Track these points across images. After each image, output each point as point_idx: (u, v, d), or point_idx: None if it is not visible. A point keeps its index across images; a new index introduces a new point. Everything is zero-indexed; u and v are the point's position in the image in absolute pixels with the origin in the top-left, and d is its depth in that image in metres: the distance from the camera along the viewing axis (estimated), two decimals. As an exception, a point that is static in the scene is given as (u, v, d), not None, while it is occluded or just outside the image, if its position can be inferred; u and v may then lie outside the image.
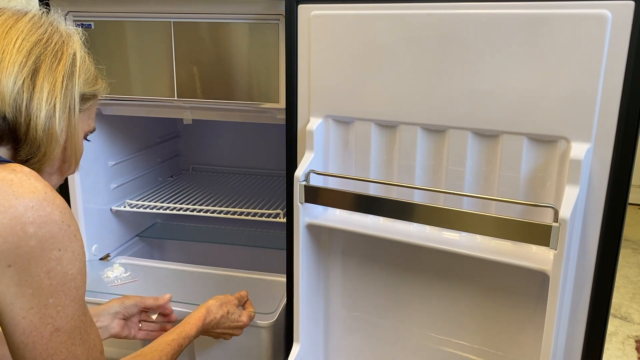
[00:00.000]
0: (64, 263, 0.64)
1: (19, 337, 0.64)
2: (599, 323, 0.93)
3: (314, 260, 1.16)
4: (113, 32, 1.26)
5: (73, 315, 0.66)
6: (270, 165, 1.89)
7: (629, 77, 0.82)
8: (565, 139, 0.88)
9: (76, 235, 0.66)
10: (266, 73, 1.20)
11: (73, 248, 0.65)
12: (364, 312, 1.20)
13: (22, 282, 0.62)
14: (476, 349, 1.10)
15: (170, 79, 1.26)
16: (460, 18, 0.91)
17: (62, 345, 0.66)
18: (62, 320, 0.65)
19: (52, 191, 0.65)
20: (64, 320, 0.65)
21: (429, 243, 1.00)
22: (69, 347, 0.66)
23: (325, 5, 1.01)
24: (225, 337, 1.13)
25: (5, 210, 0.60)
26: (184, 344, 0.97)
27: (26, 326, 0.63)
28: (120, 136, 1.55)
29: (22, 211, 0.61)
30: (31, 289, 0.62)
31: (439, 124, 0.97)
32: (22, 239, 0.61)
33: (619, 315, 1.86)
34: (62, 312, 0.65)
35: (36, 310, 0.63)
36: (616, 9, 0.81)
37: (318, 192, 1.05)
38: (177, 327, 0.99)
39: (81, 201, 1.38)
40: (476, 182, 0.98)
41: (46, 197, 0.63)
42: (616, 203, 0.87)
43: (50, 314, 0.64)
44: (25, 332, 0.63)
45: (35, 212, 0.62)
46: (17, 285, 0.62)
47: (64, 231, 0.64)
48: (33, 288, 0.62)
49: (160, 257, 1.74)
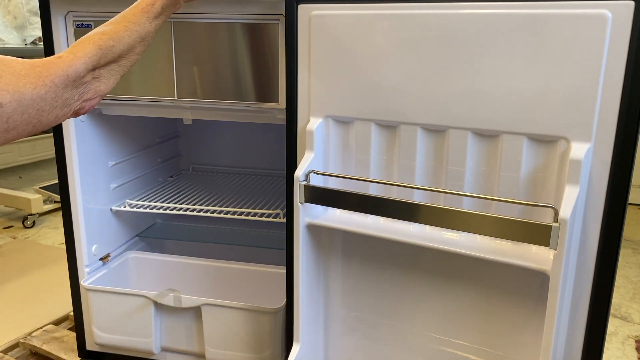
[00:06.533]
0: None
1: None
2: (599, 323, 0.93)
3: (314, 260, 1.16)
4: (113, 32, 1.25)
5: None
6: (270, 165, 1.89)
7: (629, 77, 0.82)
8: (565, 139, 0.88)
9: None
10: (266, 73, 1.20)
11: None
12: (364, 312, 1.20)
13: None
14: (476, 349, 1.10)
15: (170, 79, 1.26)
16: (460, 18, 0.91)
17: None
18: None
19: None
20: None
21: (429, 243, 1.00)
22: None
23: (325, 5, 1.01)
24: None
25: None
26: (163, 1, 0.84)
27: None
28: (120, 136, 1.55)
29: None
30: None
31: (439, 124, 0.97)
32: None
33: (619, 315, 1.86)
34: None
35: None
36: (616, 9, 0.81)
37: (318, 192, 1.05)
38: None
39: (81, 201, 1.38)
40: (476, 182, 0.98)
41: None
42: (616, 203, 0.87)
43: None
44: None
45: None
46: None
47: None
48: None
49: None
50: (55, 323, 1.68)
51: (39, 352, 1.54)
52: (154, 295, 1.34)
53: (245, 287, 1.50)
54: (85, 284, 1.39)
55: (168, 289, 1.34)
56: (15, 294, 1.92)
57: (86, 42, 0.73)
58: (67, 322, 1.71)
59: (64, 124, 1.33)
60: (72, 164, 1.35)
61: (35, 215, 2.63)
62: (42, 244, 2.41)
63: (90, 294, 1.38)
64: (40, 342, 1.56)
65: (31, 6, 2.76)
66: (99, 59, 0.74)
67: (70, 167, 1.35)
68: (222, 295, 1.44)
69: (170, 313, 1.36)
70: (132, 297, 1.36)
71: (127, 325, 1.38)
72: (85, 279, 1.41)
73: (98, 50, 0.74)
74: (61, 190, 1.37)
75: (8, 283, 2.00)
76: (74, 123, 1.34)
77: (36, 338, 1.58)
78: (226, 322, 1.31)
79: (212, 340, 1.33)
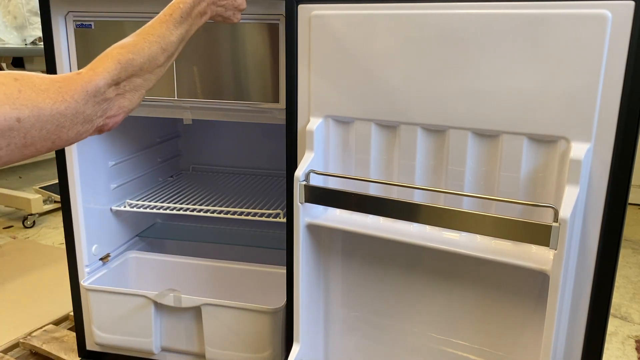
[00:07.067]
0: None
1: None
2: (599, 323, 0.93)
3: (314, 260, 1.16)
4: (113, 32, 1.26)
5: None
6: (270, 165, 1.89)
7: (629, 77, 0.82)
8: (565, 139, 0.88)
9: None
10: (266, 73, 1.20)
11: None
12: (364, 312, 1.20)
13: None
14: (476, 348, 1.10)
15: (170, 79, 1.26)
16: (460, 18, 0.91)
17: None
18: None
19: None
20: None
21: (429, 243, 1.00)
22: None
23: (325, 5, 1.01)
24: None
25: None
26: (184, 6, 0.85)
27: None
28: (120, 136, 1.55)
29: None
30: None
31: (439, 124, 0.97)
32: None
33: (619, 315, 1.86)
34: None
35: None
36: (616, 9, 0.81)
37: (318, 192, 1.05)
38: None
39: (81, 201, 1.38)
40: (476, 182, 0.98)
41: None
42: (616, 203, 0.87)
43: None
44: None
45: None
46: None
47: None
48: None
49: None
50: (55, 323, 1.68)
51: (39, 352, 1.54)
52: (154, 295, 1.34)
53: (245, 287, 1.50)
54: (85, 284, 1.39)
55: (168, 289, 1.34)
56: (15, 294, 1.92)
57: (105, 58, 0.73)
58: (67, 322, 1.71)
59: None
60: (72, 164, 1.35)
61: (35, 215, 2.63)
62: (42, 244, 2.41)
63: (90, 294, 1.38)
64: (40, 342, 1.56)
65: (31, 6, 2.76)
66: (119, 73, 0.73)
67: (70, 167, 1.35)
68: (222, 295, 1.44)
69: (170, 313, 1.36)
70: (132, 297, 1.36)
71: (127, 325, 1.38)
72: (85, 279, 1.41)
73: (117, 65, 0.73)
74: (61, 190, 1.37)
75: (8, 283, 2.00)
76: (74, 123, 1.34)
77: (36, 338, 1.58)
78: (226, 322, 1.31)
79: (212, 340, 1.33)
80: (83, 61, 1.29)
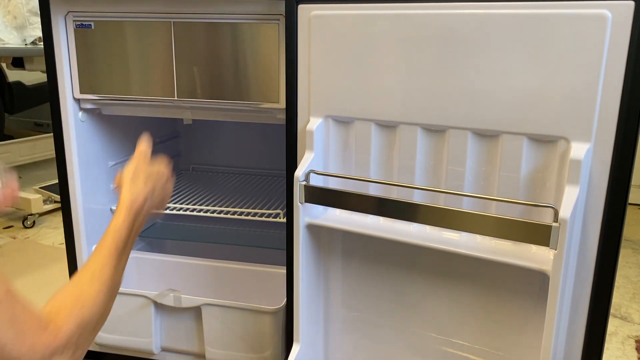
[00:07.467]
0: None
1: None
2: (599, 323, 0.93)
3: (314, 260, 1.16)
4: (113, 32, 1.26)
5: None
6: (270, 165, 1.89)
7: (629, 77, 0.82)
8: (565, 139, 0.88)
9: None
10: (266, 73, 1.20)
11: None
12: (364, 312, 1.20)
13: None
14: (476, 349, 1.10)
15: (170, 79, 1.26)
16: (460, 18, 0.91)
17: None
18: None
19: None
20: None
21: (429, 243, 1.00)
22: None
23: (325, 5, 1.01)
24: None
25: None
26: (121, 236, 0.81)
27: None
28: (120, 136, 1.55)
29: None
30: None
31: (439, 124, 0.97)
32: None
33: (619, 315, 1.86)
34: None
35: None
36: (616, 9, 0.81)
37: (318, 192, 1.05)
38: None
39: (81, 201, 1.38)
40: (476, 182, 0.98)
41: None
42: (616, 203, 0.87)
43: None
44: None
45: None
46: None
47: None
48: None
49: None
50: (55, 323, 1.68)
51: (39, 352, 1.54)
52: (154, 295, 1.34)
53: (245, 287, 1.50)
54: (85, 284, 1.39)
55: (168, 289, 1.34)
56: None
57: (69, 315, 0.72)
58: (67, 322, 1.70)
59: (64, 124, 1.33)
60: (72, 164, 1.35)
61: (35, 215, 2.63)
62: (42, 244, 2.41)
63: (90, 294, 1.38)
64: (40, 342, 1.55)
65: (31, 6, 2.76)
66: (78, 337, 0.72)
67: (70, 167, 1.35)
68: (222, 295, 1.44)
69: (170, 313, 1.36)
70: (132, 297, 1.36)
71: (127, 325, 1.38)
72: (85, 279, 1.40)
73: (77, 329, 0.72)
74: (61, 190, 1.37)
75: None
76: (74, 123, 1.34)
77: (36, 338, 1.57)
78: (226, 322, 1.31)
79: (212, 340, 1.33)
80: (83, 61, 1.29)
